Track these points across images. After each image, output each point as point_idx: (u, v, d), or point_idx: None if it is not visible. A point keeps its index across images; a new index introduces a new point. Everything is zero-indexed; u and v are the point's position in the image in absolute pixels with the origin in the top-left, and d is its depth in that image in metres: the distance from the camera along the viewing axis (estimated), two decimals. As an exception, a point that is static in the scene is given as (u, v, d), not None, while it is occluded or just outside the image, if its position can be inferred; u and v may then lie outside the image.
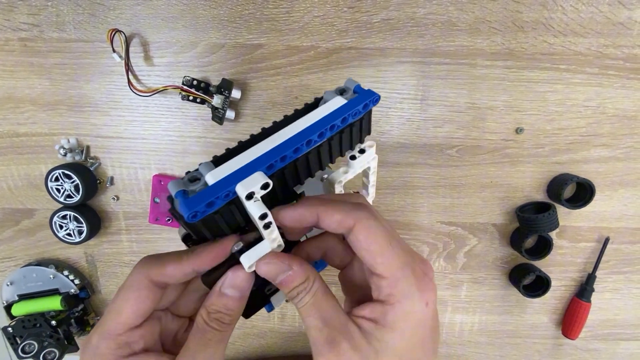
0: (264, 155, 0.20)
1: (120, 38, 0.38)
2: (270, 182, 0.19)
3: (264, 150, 0.20)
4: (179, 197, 0.18)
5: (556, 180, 0.43)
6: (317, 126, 0.21)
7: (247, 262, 0.20)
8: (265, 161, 0.19)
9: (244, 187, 0.18)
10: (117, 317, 0.20)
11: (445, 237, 0.46)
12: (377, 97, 0.22)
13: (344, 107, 0.22)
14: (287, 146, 0.20)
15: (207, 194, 0.18)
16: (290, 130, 0.21)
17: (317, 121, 0.21)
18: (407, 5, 0.38)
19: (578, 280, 0.48)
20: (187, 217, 0.18)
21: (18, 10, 0.38)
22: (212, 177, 0.19)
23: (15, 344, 0.43)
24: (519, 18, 0.39)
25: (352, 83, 0.23)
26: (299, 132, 0.20)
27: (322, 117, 0.21)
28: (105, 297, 0.48)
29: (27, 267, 0.45)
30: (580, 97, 0.41)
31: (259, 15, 0.39)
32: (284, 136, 0.20)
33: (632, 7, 0.38)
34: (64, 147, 0.41)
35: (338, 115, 0.21)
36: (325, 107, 0.22)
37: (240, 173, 0.19)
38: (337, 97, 0.23)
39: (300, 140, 0.20)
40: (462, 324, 0.50)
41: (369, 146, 0.26)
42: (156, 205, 0.43)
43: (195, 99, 0.39)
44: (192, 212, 0.18)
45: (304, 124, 0.21)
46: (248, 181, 0.18)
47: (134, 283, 0.21)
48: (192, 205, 0.18)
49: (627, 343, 0.51)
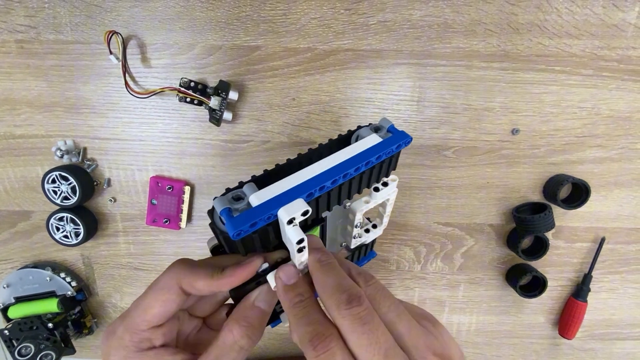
0: (304, 183, 0.21)
1: (117, 40, 0.38)
2: (310, 209, 0.20)
3: (305, 178, 0.21)
4: (225, 215, 0.20)
5: (552, 181, 0.44)
6: (354, 161, 0.22)
7: (274, 282, 0.22)
8: (306, 189, 0.21)
9: (287, 212, 0.20)
10: (144, 314, 0.22)
11: (442, 238, 0.46)
12: (409, 140, 0.24)
13: (379, 145, 0.23)
14: (327, 177, 0.21)
15: (252, 215, 0.20)
16: (329, 162, 0.22)
17: (354, 156, 0.23)
18: (404, 8, 0.39)
19: (574, 280, 0.48)
20: (232, 235, 0.19)
21: (15, 12, 0.38)
22: (257, 199, 0.20)
23: (11, 347, 0.43)
24: (515, 20, 0.39)
25: (386, 122, 0.25)
26: (338, 164, 0.22)
27: (359, 153, 0.23)
28: (102, 300, 0.48)
29: (23, 269, 0.44)
30: (575, 99, 0.42)
31: (256, 17, 0.39)
32: (323, 167, 0.22)
33: (625, 9, 0.39)
34: (60, 149, 0.41)
35: (373, 153, 0.23)
36: (362, 143, 0.24)
37: (282, 198, 0.20)
38: (373, 135, 0.24)
39: (338, 173, 0.22)
40: (459, 324, 0.50)
41: (392, 180, 0.27)
42: (153, 207, 0.43)
43: (192, 100, 0.39)
44: (237, 230, 0.19)
45: (342, 157, 0.23)
46: (290, 207, 0.20)
47: (166, 286, 0.22)
48: (237, 225, 0.19)
49: (624, 342, 0.51)
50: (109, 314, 0.49)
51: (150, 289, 0.22)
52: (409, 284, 0.48)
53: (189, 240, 0.46)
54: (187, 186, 0.43)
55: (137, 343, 0.21)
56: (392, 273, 0.48)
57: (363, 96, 0.41)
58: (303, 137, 0.42)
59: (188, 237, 0.46)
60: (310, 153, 0.25)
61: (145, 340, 0.22)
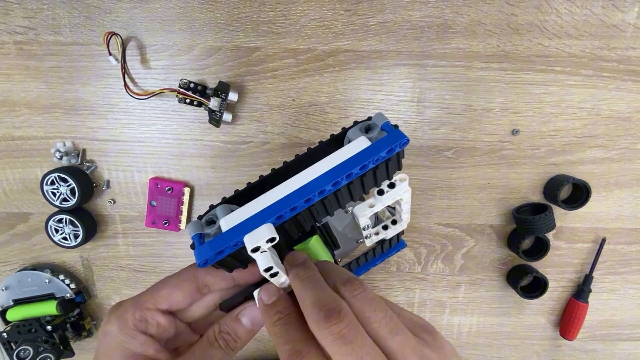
0: (274, 205, 0.19)
1: (116, 41, 0.38)
2: (276, 236, 0.18)
3: (275, 198, 0.19)
4: (195, 241, 0.20)
5: (552, 182, 0.43)
6: (332, 174, 0.19)
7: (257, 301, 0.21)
8: (275, 211, 0.19)
9: (250, 241, 0.18)
10: (154, 292, 0.22)
11: (442, 239, 0.46)
12: (405, 141, 0.20)
13: (365, 152, 0.19)
14: (297, 197, 0.19)
15: (217, 244, 0.19)
16: (305, 176, 0.20)
17: (333, 168, 0.19)
18: (403, 8, 0.39)
19: (575, 281, 0.48)
20: (199, 264, 0.19)
21: (14, 13, 0.38)
22: (225, 224, 0.19)
23: (10, 350, 0.42)
24: (514, 21, 0.39)
25: (380, 119, 0.21)
26: (311, 181, 0.19)
27: (339, 164, 0.19)
28: (101, 302, 0.48)
29: (22, 271, 0.44)
30: (575, 99, 0.42)
31: (256, 18, 0.39)
32: (297, 183, 0.19)
33: (625, 9, 0.39)
34: (59, 151, 0.41)
35: (356, 162, 0.19)
36: (346, 149, 0.20)
37: (250, 222, 0.19)
38: (360, 138, 0.20)
39: (311, 191, 0.19)
40: (460, 325, 0.50)
41: (400, 180, 0.24)
42: (153, 209, 0.43)
43: (192, 101, 0.39)
44: (202, 260, 0.19)
45: (320, 169, 0.19)
46: (254, 235, 0.18)
47: (181, 273, 0.23)
48: (203, 254, 0.19)
49: (625, 343, 0.51)
50: (108, 316, 0.48)
51: (167, 277, 0.23)
52: (409, 285, 0.48)
53: (188, 241, 0.45)
54: (186, 187, 0.43)
55: (137, 321, 0.21)
56: (392, 274, 0.48)
57: (363, 97, 0.41)
58: (303, 138, 0.42)
59: (188, 238, 0.45)
60: (297, 160, 0.22)
61: (143, 321, 0.22)
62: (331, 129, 0.42)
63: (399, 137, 0.20)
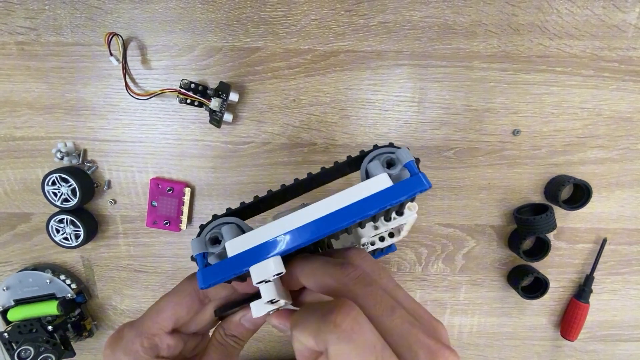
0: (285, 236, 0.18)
1: (117, 41, 0.38)
2: (283, 271, 0.18)
3: (286, 228, 0.18)
4: (199, 261, 0.19)
5: (553, 182, 0.43)
6: (350, 213, 0.18)
7: (256, 312, 0.20)
8: (285, 244, 0.18)
9: (258, 274, 0.18)
10: (156, 316, 0.21)
11: (443, 239, 0.46)
12: (427, 188, 0.19)
13: (386, 192, 0.18)
14: (311, 232, 0.18)
15: (223, 269, 0.18)
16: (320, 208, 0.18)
17: (351, 206, 0.18)
18: (404, 9, 0.39)
19: (576, 281, 0.48)
20: (201, 286, 0.18)
21: (15, 14, 0.38)
22: (232, 248, 0.19)
23: (11, 350, 0.43)
24: (515, 21, 0.39)
25: (405, 156, 0.20)
26: (328, 217, 0.18)
27: (358, 203, 0.18)
28: (102, 302, 0.48)
29: (23, 271, 0.44)
30: (576, 99, 0.41)
31: (257, 19, 0.39)
32: (311, 215, 0.18)
33: (626, 9, 0.39)
34: (60, 151, 0.41)
35: (377, 203, 0.18)
36: (366, 186, 0.19)
37: (258, 251, 0.18)
38: (382, 175, 0.19)
39: (327, 228, 0.18)
40: (460, 326, 0.50)
41: (409, 208, 0.23)
42: (153, 209, 0.43)
43: (192, 102, 0.39)
44: (206, 284, 0.18)
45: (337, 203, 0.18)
46: (262, 268, 0.18)
47: (180, 289, 0.22)
48: (207, 279, 0.18)
49: (626, 344, 0.51)
50: (109, 316, 0.48)
51: (166, 294, 0.22)
52: (410, 285, 0.48)
53: (189, 242, 0.45)
54: (187, 188, 0.43)
55: (147, 349, 0.21)
56: (393, 275, 0.48)
57: (363, 97, 0.41)
58: (304, 139, 0.42)
59: (188, 239, 0.45)
60: (309, 178, 0.21)
61: (154, 347, 0.21)
62: (332, 129, 0.42)
63: (421, 184, 0.18)
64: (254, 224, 0.21)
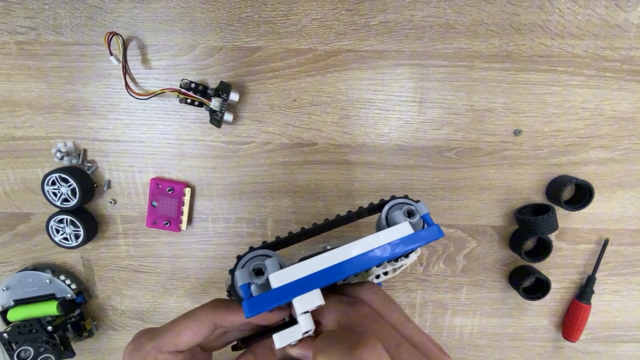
0: (326, 271, 0.21)
1: (117, 41, 0.38)
2: (323, 302, 0.20)
3: (323, 266, 0.21)
4: (244, 291, 0.21)
5: (555, 182, 0.43)
6: (380, 255, 0.22)
7: (279, 343, 0.21)
8: (326, 279, 0.21)
9: (302, 304, 0.20)
10: (175, 338, 0.24)
11: (444, 240, 0.46)
12: (442, 236, 0.24)
13: (409, 238, 0.23)
14: (347, 268, 0.21)
15: (269, 300, 0.20)
16: (353, 248, 0.22)
17: (382, 248, 0.22)
18: (405, 8, 0.38)
19: (578, 282, 0.48)
20: (247, 315, 0.20)
21: (15, 13, 0.38)
22: (276, 280, 0.21)
23: (10, 350, 0.42)
24: (517, 20, 0.39)
25: (423, 209, 0.25)
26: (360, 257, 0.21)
27: (388, 245, 0.22)
28: (102, 302, 0.48)
29: (23, 271, 0.44)
30: (578, 99, 0.41)
31: (257, 18, 0.39)
32: (346, 254, 0.21)
33: (628, 9, 0.39)
34: (60, 151, 0.41)
35: (402, 247, 0.22)
36: (392, 232, 0.23)
37: (301, 284, 0.20)
38: (405, 224, 0.23)
39: (363, 266, 0.21)
40: (462, 326, 0.50)
41: (415, 252, 0.28)
42: (154, 209, 0.43)
43: (193, 101, 0.39)
44: (253, 314, 0.20)
45: (370, 245, 0.22)
46: (306, 299, 0.20)
47: (200, 319, 0.24)
48: (254, 308, 0.20)
49: (628, 345, 0.50)
50: (109, 317, 0.48)
51: (186, 318, 0.24)
52: (411, 286, 0.48)
53: (189, 242, 0.45)
54: (187, 188, 0.43)
55: None
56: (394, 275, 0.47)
57: (364, 97, 0.41)
58: (304, 139, 0.42)
59: (189, 239, 0.45)
60: (336, 220, 0.25)
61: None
62: (333, 129, 0.42)
63: (436, 233, 0.23)
64: None
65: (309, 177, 0.43)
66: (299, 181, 0.43)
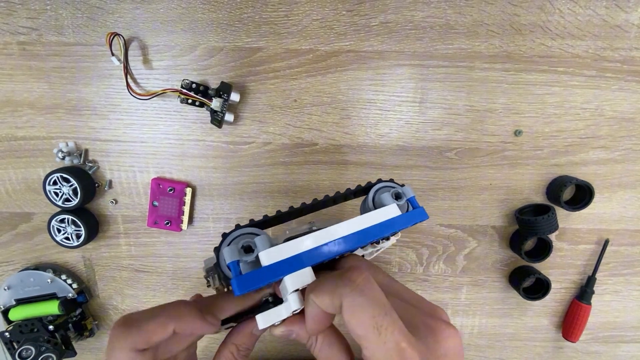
0: (317, 249, 0.21)
1: (119, 41, 0.38)
2: (315, 279, 0.20)
3: (315, 244, 0.21)
4: (233, 269, 0.20)
5: (555, 183, 0.43)
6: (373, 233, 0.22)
7: (263, 324, 0.22)
8: (317, 257, 0.21)
9: (293, 282, 0.20)
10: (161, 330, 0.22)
11: (444, 240, 0.46)
12: (425, 219, 0.25)
13: (397, 220, 0.23)
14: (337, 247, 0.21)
15: (260, 278, 0.20)
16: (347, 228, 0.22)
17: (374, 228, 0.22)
18: (406, 9, 0.39)
19: (578, 282, 0.48)
20: (236, 293, 0.19)
21: (17, 14, 0.38)
22: (267, 258, 0.20)
23: (12, 349, 0.43)
24: (517, 21, 0.39)
25: (409, 192, 0.26)
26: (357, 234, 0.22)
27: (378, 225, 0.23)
28: (103, 302, 0.48)
29: (24, 271, 0.44)
30: (578, 100, 0.41)
31: (258, 19, 0.39)
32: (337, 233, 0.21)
33: (629, 9, 0.39)
34: (62, 151, 0.41)
35: (391, 227, 0.23)
36: (382, 212, 0.23)
37: (292, 262, 0.20)
38: (393, 205, 0.24)
39: (356, 244, 0.22)
40: (462, 327, 0.50)
41: (395, 235, 0.28)
42: (155, 209, 0.43)
43: (194, 102, 0.39)
44: (243, 291, 0.20)
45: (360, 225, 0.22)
46: (298, 277, 0.20)
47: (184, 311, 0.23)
48: (244, 286, 0.19)
49: (628, 345, 0.50)
50: (110, 316, 0.48)
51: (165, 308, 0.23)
52: (411, 286, 0.48)
53: (190, 242, 0.45)
54: (188, 188, 0.43)
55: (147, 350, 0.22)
56: (394, 275, 0.48)
57: (365, 97, 0.41)
58: (305, 139, 0.42)
59: (189, 239, 0.45)
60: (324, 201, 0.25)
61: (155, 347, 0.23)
62: (333, 130, 0.42)
63: (422, 215, 0.24)
64: None
65: (309, 177, 0.43)
66: (299, 181, 0.44)
